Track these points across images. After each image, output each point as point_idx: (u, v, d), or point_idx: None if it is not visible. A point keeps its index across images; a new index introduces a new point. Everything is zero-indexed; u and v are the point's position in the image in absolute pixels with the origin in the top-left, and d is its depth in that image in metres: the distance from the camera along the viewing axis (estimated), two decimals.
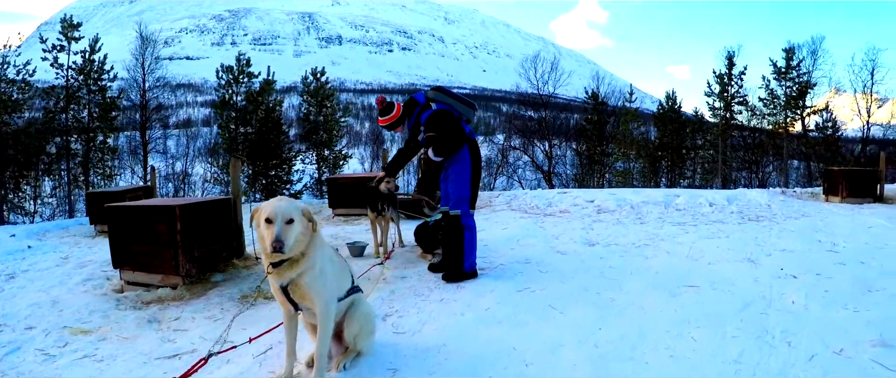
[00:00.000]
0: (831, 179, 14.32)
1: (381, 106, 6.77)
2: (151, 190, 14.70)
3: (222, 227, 7.53)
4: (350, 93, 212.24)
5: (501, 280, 6.13)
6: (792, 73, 39.51)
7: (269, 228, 3.43)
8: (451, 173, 6.30)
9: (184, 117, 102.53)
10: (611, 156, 42.85)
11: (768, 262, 6.64)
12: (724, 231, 9.12)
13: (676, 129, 42.63)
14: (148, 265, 6.88)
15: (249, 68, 36.71)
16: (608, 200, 12.81)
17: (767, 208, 12.03)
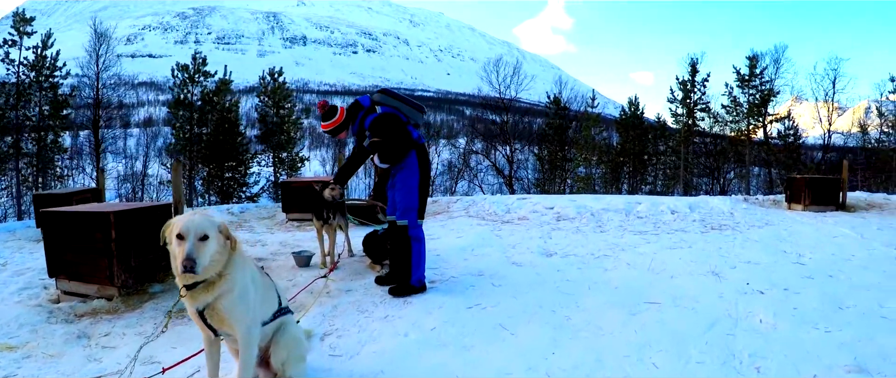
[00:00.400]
0: (794, 187, 14.14)
1: (323, 110, 6.34)
2: (100, 192, 14.05)
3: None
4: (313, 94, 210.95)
5: (451, 295, 5.74)
6: (755, 81, 39.67)
7: (180, 246, 3.08)
8: (398, 181, 5.96)
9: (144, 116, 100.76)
10: (572, 161, 42.70)
11: (733, 275, 6.33)
12: (686, 240, 8.83)
13: (639, 135, 42.60)
14: (83, 275, 6.41)
15: (206, 67, 35.92)
16: (568, 207, 12.46)
17: (730, 216, 11.78)
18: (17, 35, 31.75)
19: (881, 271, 6.68)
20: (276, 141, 37.64)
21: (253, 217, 13.58)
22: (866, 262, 7.24)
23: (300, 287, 6.23)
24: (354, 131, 6.24)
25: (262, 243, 9.51)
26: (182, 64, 35.85)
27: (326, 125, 6.25)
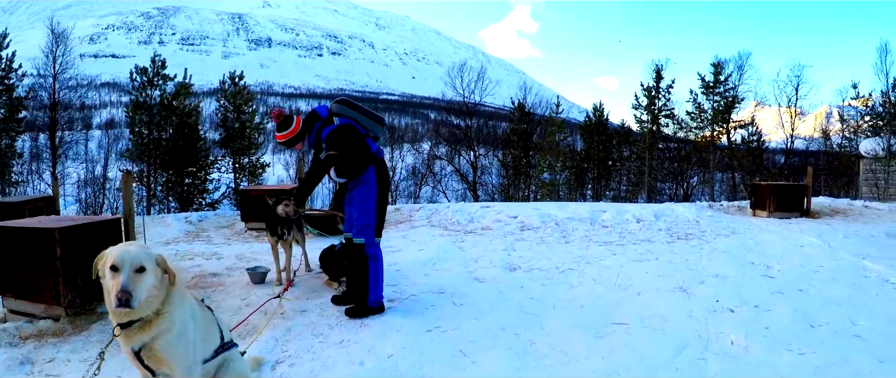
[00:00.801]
0: (759, 194, 14.09)
1: (278, 120, 6.01)
2: (54, 201, 13.57)
3: None
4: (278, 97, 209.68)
5: (410, 316, 5.47)
6: (720, 88, 39.76)
7: (114, 278, 2.80)
8: (355, 196, 5.71)
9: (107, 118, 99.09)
10: (537, 167, 42.62)
11: (702, 291, 6.14)
12: (652, 252, 8.65)
13: (603, 140, 42.59)
14: (29, 293, 6.08)
15: (165, 70, 35.15)
16: (532, 216, 12.25)
17: (696, 224, 11.66)
18: None
19: (850, 284, 6.56)
20: (237, 146, 37.05)
21: (211, 226, 13.24)
22: (835, 273, 7.12)
23: (253, 307, 5.94)
24: (311, 143, 5.97)
25: (218, 256, 9.19)
26: (141, 66, 35.08)
27: (281, 136, 5.93)
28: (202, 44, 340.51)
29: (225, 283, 7.14)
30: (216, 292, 6.76)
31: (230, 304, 6.18)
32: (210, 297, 6.51)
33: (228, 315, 5.77)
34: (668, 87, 40.68)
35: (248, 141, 37.18)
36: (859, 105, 38.45)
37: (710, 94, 39.86)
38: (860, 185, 27.75)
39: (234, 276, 7.51)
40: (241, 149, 36.98)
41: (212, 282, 7.28)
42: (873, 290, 6.29)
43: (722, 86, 39.53)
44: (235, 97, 37.33)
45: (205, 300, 3.60)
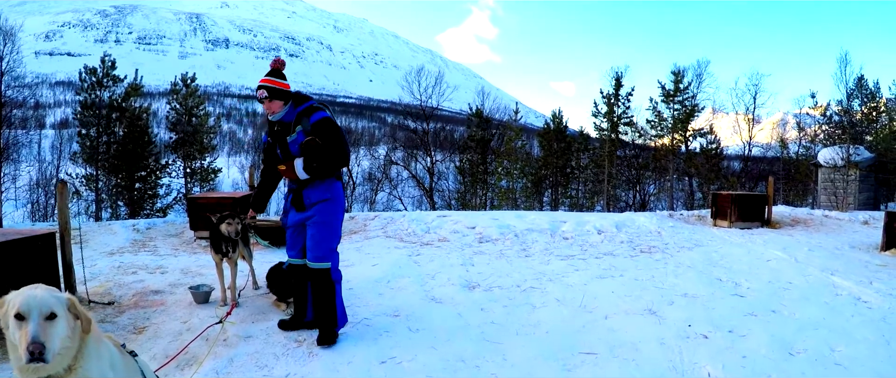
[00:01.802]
0: (720, 203, 14.00)
1: (278, 66, 5.31)
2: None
3: (45, 267, 6.22)
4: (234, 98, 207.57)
5: (362, 345, 5.06)
6: (680, 96, 39.90)
7: (21, 328, 2.41)
8: (319, 214, 5.11)
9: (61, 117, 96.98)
10: (494, 174, 42.41)
11: (672, 314, 5.83)
12: (616, 267, 8.35)
13: (563, 149, 42.47)
14: None
15: (115, 71, 34.21)
16: (490, 227, 11.91)
17: (658, 236, 11.45)
18: None
19: (823, 304, 6.31)
20: (190, 150, 36.23)
21: (159, 234, 12.75)
22: (806, 291, 6.89)
23: (194, 331, 5.50)
24: (290, 118, 5.14)
25: (163, 270, 8.74)
26: (91, 67, 34.11)
27: (272, 80, 5.13)
28: (159, 43, 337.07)
29: (166, 303, 6.69)
30: (156, 313, 6.31)
31: (170, 328, 5.73)
32: (149, 319, 6.07)
33: (167, 341, 5.35)
34: (627, 94, 40.71)
35: (201, 145, 36.43)
36: (816, 113, 38.99)
37: (671, 102, 40.01)
38: (818, 194, 28.02)
39: (176, 295, 7.07)
40: (193, 153, 36.24)
41: (152, 300, 6.83)
42: (847, 311, 6.04)
43: (682, 94, 39.68)
44: (187, 99, 36.56)
45: (127, 345, 3.13)
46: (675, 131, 39.83)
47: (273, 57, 5.48)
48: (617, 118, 40.61)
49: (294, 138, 5.07)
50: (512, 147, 41.71)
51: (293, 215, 5.28)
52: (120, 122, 33.98)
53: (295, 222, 5.29)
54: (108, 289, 7.55)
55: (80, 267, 7.27)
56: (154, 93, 40.69)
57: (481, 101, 43.63)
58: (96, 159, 33.55)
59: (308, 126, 5.00)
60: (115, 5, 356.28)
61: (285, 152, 5.16)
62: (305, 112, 5.07)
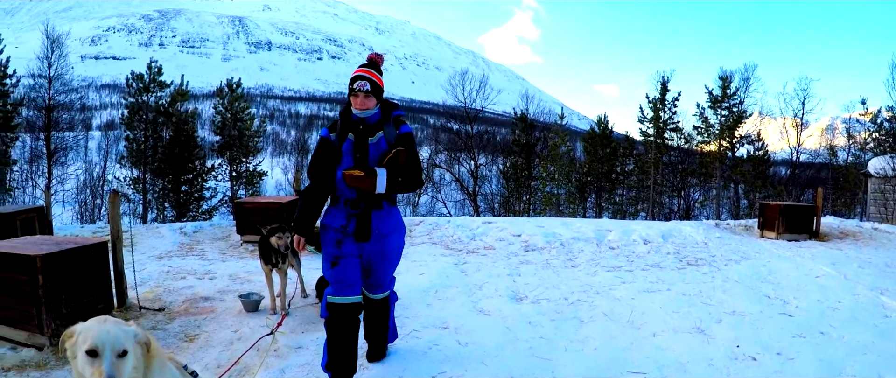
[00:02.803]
0: (767, 214, 13.80)
1: (379, 61, 4.65)
2: (45, 212, 13.28)
3: (98, 275, 6.40)
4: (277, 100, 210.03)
5: (412, 359, 5.11)
6: (727, 102, 39.31)
7: (93, 365, 2.46)
8: (394, 243, 4.60)
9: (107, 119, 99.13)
10: (538, 180, 42.23)
11: (720, 332, 5.82)
12: (663, 280, 8.34)
13: (607, 155, 42.01)
14: (12, 320, 5.79)
15: (162, 76, 34.90)
16: (536, 235, 11.94)
17: (705, 247, 11.37)
18: None
19: (872, 326, 6.23)
20: (235, 155, 36.76)
21: (206, 238, 13.01)
22: (854, 311, 6.80)
23: (245, 341, 5.63)
24: (374, 120, 4.46)
25: (211, 276, 8.92)
26: (138, 73, 34.85)
27: (373, 74, 4.45)
28: (202, 46, 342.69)
29: (216, 310, 6.85)
30: (206, 320, 6.47)
31: (221, 337, 5.88)
32: (200, 327, 6.23)
33: (218, 350, 5.48)
34: (673, 99, 40.21)
35: (246, 148, 36.94)
36: (866, 119, 38.17)
37: (717, 108, 39.42)
38: (868, 205, 27.43)
39: (226, 302, 7.23)
40: (238, 156, 36.76)
41: (202, 308, 7.00)
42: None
43: (729, 99, 39.07)
44: (233, 103, 37.11)
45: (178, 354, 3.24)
46: (722, 137, 39.25)
47: (315, 58, 5.20)
48: (663, 123, 40.18)
49: (375, 142, 4.41)
50: (557, 152, 41.48)
51: (351, 245, 4.45)
52: (166, 125, 34.67)
53: (352, 253, 4.46)
54: (158, 294, 7.73)
55: (130, 272, 7.48)
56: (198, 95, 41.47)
57: (525, 104, 43.53)
58: (144, 162, 34.27)
59: (394, 135, 4.45)
60: (158, 9, 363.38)
61: (364, 157, 4.37)
62: (396, 120, 4.55)
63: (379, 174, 4.20)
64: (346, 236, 4.42)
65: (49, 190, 16.13)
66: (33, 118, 34.34)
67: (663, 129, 40.26)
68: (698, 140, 40.76)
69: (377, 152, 4.36)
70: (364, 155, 4.35)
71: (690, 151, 41.77)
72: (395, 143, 4.39)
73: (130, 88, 34.90)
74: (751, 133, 39.53)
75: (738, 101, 39.23)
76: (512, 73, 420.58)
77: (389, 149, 4.36)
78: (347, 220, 4.41)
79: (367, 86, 4.33)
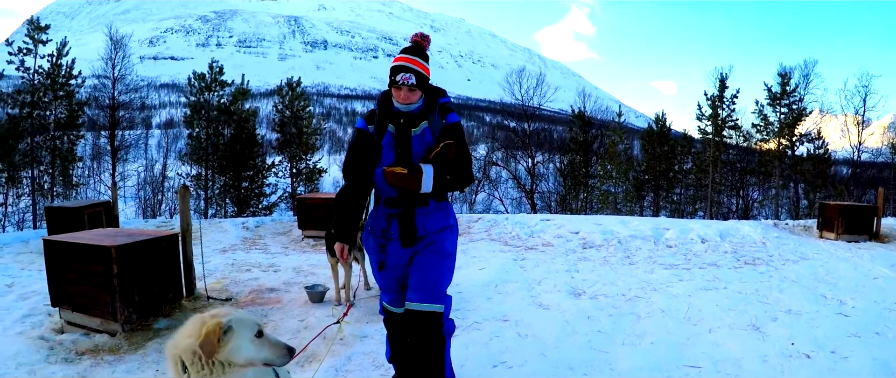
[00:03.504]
0: (827, 214, 13.68)
1: (423, 41, 3.99)
2: (112, 207, 13.86)
3: (168, 266, 6.77)
4: (334, 98, 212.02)
5: (474, 348, 5.34)
6: (787, 99, 38.61)
7: (265, 344, 2.69)
8: (441, 239, 3.89)
9: (166, 118, 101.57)
10: (596, 178, 42.02)
11: (775, 330, 5.90)
12: (720, 278, 8.42)
13: (665, 153, 41.65)
14: (86, 307, 6.14)
15: (223, 76, 35.73)
16: (594, 233, 12.07)
17: (763, 247, 11.35)
18: (32, 43, 31.63)
19: None
20: (294, 152, 37.41)
21: (268, 232, 13.42)
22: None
23: (311, 329, 5.94)
24: (431, 112, 3.91)
25: (275, 268, 9.29)
26: (199, 72, 35.74)
27: (419, 63, 3.80)
28: (259, 46, 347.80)
29: (282, 301, 7.19)
30: (274, 310, 6.80)
31: (288, 326, 6.21)
32: (267, 316, 6.56)
33: (286, 338, 5.67)
34: (732, 96, 39.48)
35: (305, 145, 37.53)
36: None
37: (777, 105, 38.68)
38: None
39: (291, 293, 7.56)
40: (297, 153, 37.37)
41: (269, 298, 7.33)
42: None
43: (788, 97, 38.29)
44: (293, 102, 37.72)
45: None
46: (781, 135, 38.48)
47: (370, 56, 4.82)
48: (721, 121, 39.52)
49: (419, 134, 3.84)
50: (614, 150, 41.21)
51: (397, 252, 3.88)
52: (227, 124, 35.49)
53: (399, 262, 3.90)
54: (225, 285, 8.09)
55: (198, 264, 7.83)
56: (256, 93, 42.31)
57: (582, 102, 43.31)
58: (206, 159, 35.15)
59: (441, 125, 3.88)
60: (215, 10, 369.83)
61: (407, 153, 3.80)
62: (442, 109, 3.95)
63: (425, 171, 3.64)
64: (389, 241, 3.87)
65: (115, 185, 16.75)
66: (96, 117, 35.57)
67: (722, 126, 39.58)
68: (757, 138, 40.01)
69: (421, 146, 3.81)
70: (406, 150, 3.80)
71: (749, 150, 41.03)
72: (441, 135, 3.83)
73: (192, 88, 35.82)
74: (811, 131, 38.60)
75: (798, 99, 38.46)
76: (568, 71, 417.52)
77: (436, 142, 3.81)
78: (388, 222, 3.85)
79: (412, 79, 3.72)
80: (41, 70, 31.69)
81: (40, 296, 7.41)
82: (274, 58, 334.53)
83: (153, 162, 47.26)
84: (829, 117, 40.44)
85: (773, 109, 39.00)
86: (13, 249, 12.30)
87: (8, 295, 7.78)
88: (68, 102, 32.19)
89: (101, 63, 35.14)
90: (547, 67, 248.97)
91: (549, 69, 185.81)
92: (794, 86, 38.27)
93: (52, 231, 12.46)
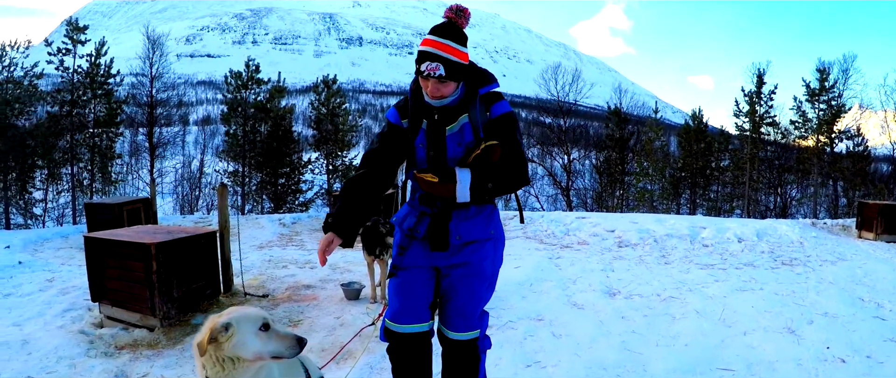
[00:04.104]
0: (866, 214, 13.54)
1: (461, 20, 3.22)
2: (150, 203, 14.16)
3: (206, 262, 6.93)
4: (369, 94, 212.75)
5: (508, 348, 5.38)
6: (825, 95, 37.84)
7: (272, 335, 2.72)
8: (481, 256, 3.27)
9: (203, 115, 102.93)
10: (632, 175, 41.74)
11: (811, 333, 5.87)
12: (756, 279, 8.38)
13: (702, 150, 41.15)
14: (125, 302, 6.33)
15: (259, 74, 36.10)
16: (630, 231, 12.08)
17: (800, 247, 11.26)
18: (71, 43, 32.24)
19: None
20: (331, 149, 37.67)
21: (304, 229, 13.59)
22: None
23: (347, 327, 6.03)
24: (471, 104, 3.20)
25: (312, 265, 9.47)
26: (236, 71, 36.17)
27: (449, 47, 3.07)
28: (294, 43, 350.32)
29: (318, 298, 7.29)
30: (309, 307, 6.91)
31: (324, 323, 6.30)
32: (303, 313, 6.67)
33: (322, 334, 5.87)
34: (770, 92, 38.79)
35: (342, 142, 37.77)
36: None
37: (815, 101, 38.05)
38: None
39: (327, 290, 7.68)
40: (334, 150, 37.63)
41: (305, 295, 7.46)
42: None
43: (827, 93, 37.62)
44: (329, 99, 37.97)
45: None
46: (820, 132, 37.82)
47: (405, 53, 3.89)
48: (759, 117, 38.94)
49: (455, 132, 3.19)
50: (651, 146, 40.91)
51: (419, 253, 3.33)
52: (264, 120, 35.90)
53: (419, 264, 3.32)
54: (262, 282, 8.23)
55: (236, 261, 7.97)
56: (292, 90, 42.79)
57: (618, 98, 43.05)
58: (243, 156, 35.60)
59: (485, 119, 3.19)
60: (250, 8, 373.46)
61: (439, 155, 3.20)
62: (487, 98, 3.23)
63: (459, 179, 3.04)
64: (413, 240, 3.32)
65: (153, 182, 17.07)
66: (134, 114, 36.21)
67: (759, 123, 39.00)
68: (795, 135, 39.39)
69: (459, 145, 3.17)
70: (439, 152, 3.19)
71: (787, 147, 40.44)
72: (486, 131, 3.17)
73: (228, 85, 36.22)
74: (850, 127, 37.84)
75: (837, 94, 37.63)
76: (604, 66, 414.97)
77: (477, 141, 3.15)
78: (419, 220, 3.28)
79: (440, 69, 3.02)
80: (80, 69, 32.26)
81: (80, 291, 7.63)
82: (309, 55, 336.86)
83: (191, 158, 47.99)
84: (869, 113, 39.62)
85: (811, 105, 38.32)
86: (53, 244, 12.63)
87: (49, 290, 8.01)
88: (107, 100, 32.77)
89: (138, 61, 35.73)
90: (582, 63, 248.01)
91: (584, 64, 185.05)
92: (832, 81, 37.52)
93: (92, 227, 12.78)
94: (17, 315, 6.85)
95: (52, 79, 32.38)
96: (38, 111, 31.61)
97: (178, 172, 45.21)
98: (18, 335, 5.99)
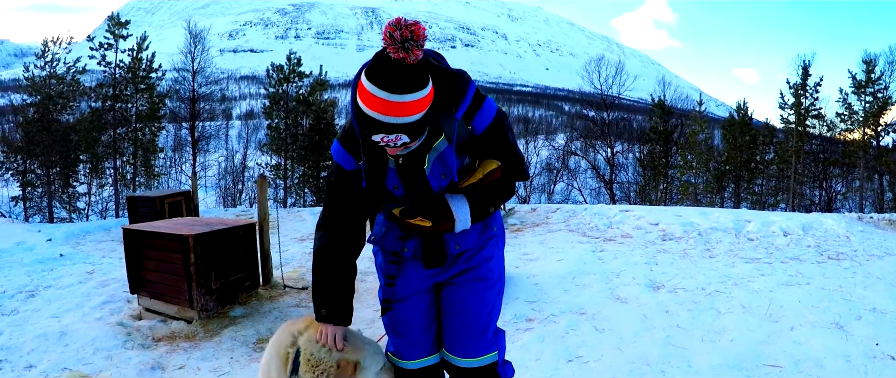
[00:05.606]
0: None
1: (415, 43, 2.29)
2: (191, 196, 14.40)
3: (245, 254, 7.03)
4: None
5: (550, 342, 5.36)
6: (871, 87, 37.27)
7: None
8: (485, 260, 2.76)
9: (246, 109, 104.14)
10: (676, 168, 41.37)
11: (859, 329, 5.77)
12: (803, 273, 8.26)
13: (747, 143, 40.68)
14: (163, 294, 6.48)
15: (301, 68, 36.40)
16: (674, 224, 11.95)
17: (847, 241, 11.04)
18: (113, 38, 32.86)
19: None
20: None
21: None
22: None
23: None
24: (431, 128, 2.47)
25: None
26: (277, 64, 36.50)
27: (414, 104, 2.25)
28: (337, 37, 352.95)
29: (358, 290, 7.25)
30: None
31: (363, 315, 6.34)
32: None
33: (362, 327, 5.79)
34: (815, 84, 38.33)
35: None
36: None
37: (861, 94, 37.32)
38: None
39: (367, 283, 7.71)
40: None
41: None
42: None
43: (873, 85, 36.90)
44: None
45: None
46: (866, 125, 37.15)
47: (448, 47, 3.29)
48: (804, 110, 38.42)
49: (435, 164, 2.54)
50: (695, 139, 40.46)
51: (412, 276, 2.85)
52: (306, 114, 36.25)
53: (416, 289, 2.86)
54: (301, 274, 8.32)
55: (275, 253, 8.06)
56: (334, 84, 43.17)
57: (662, 91, 42.78)
58: (285, 149, 35.99)
59: (464, 135, 2.53)
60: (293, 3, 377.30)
61: (423, 191, 2.61)
62: (469, 111, 2.49)
63: (457, 216, 2.55)
64: (403, 262, 2.84)
65: (195, 175, 17.35)
66: (177, 108, 36.84)
67: (804, 116, 38.55)
68: (841, 128, 38.82)
69: (443, 178, 2.58)
70: (421, 188, 2.61)
71: (833, 140, 39.85)
72: (482, 143, 2.60)
73: (271, 79, 36.66)
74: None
75: (884, 87, 37.07)
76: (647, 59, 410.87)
77: (471, 159, 2.66)
78: (403, 242, 2.78)
79: (404, 138, 2.30)
80: (122, 64, 32.91)
81: (119, 283, 7.77)
82: (352, 49, 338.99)
83: (234, 152, 48.56)
84: None
85: (857, 98, 37.75)
86: (95, 237, 12.89)
87: (88, 282, 8.19)
88: (149, 95, 33.49)
89: (180, 56, 36.34)
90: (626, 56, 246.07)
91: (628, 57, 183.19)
92: (879, 73, 36.92)
93: (133, 220, 13.05)
94: (57, 307, 7.02)
95: (94, 74, 33.15)
96: (81, 106, 32.35)
97: (221, 166, 45.80)
98: (57, 327, 6.15)
